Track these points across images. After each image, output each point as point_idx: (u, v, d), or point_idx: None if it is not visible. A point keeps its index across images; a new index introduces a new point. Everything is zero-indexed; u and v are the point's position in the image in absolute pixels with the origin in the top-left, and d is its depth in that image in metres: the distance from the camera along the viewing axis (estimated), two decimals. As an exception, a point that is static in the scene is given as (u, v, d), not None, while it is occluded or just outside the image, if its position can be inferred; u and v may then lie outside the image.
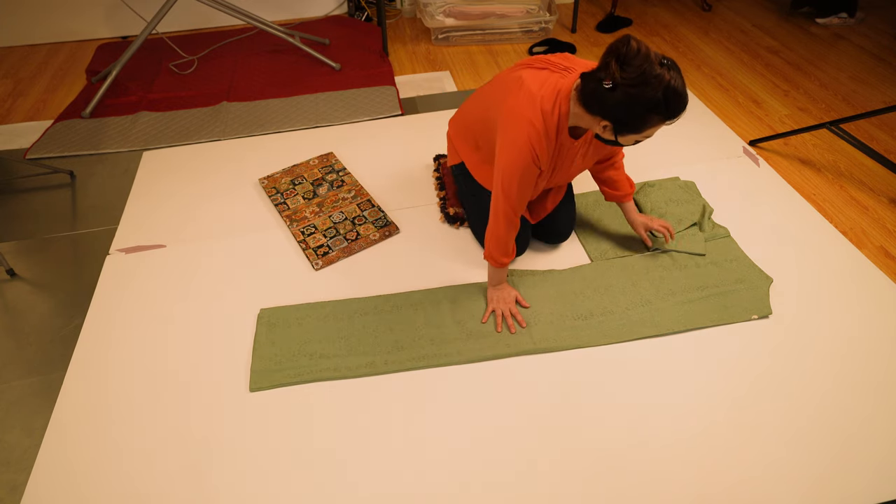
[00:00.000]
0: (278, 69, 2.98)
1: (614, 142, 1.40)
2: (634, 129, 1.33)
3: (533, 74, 1.46)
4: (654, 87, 1.24)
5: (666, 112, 1.28)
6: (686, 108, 1.29)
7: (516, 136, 1.43)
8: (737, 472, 1.33)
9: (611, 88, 1.27)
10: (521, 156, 1.43)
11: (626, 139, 1.37)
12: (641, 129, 1.33)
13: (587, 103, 1.36)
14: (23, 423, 1.48)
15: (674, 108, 1.27)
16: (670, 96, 1.25)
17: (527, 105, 1.42)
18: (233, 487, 1.32)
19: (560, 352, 1.58)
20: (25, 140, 2.52)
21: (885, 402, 1.45)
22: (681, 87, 1.26)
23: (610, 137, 1.39)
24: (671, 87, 1.25)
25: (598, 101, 1.32)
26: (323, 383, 1.53)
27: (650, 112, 1.27)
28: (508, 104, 1.46)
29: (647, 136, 1.36)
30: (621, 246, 1.88)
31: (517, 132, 1.43)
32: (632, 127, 1.32)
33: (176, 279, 1.83)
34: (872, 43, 3.15)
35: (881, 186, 2.19)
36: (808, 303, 1.70)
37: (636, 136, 1.36)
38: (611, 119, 1.33)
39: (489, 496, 1.30)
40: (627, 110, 1.28)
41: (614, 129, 1.35)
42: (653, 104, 1.26)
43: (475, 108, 1.70)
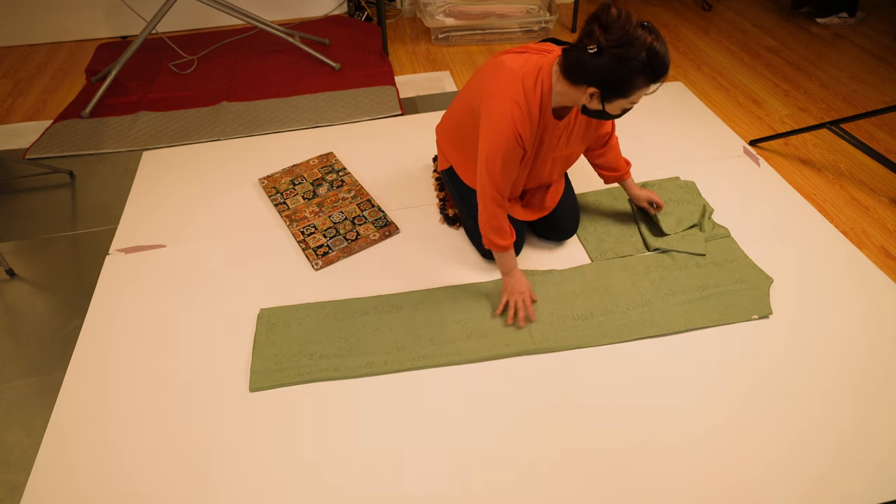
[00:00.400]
0: (278, 69, 2.98)
1: (601, 111, 1.42)
2: (621, 93, 1.36)
3: (513, 57, 1.50)
4: (637, 47, 1.28)
5: (651, 72, 1.31)
6: (668, 72, 1.33)
7: (499, 117, 1.45)
8: (737, 473, 1.33)
9: (596, 53, 1.30)
10: (503, 135, 1.45)
11: (613, 106, 1.40)
12: (628, 93, 1.36)
13: (571, 74, 1.39)
14: (23, 423, 1.48)
15: (658, 68, 1.31)
16: (653, 57, 1.29)
17: (508, 84, 1.44)
18: (233, 487, 1.32)
19: (560, 352, 1.58)
20: (25, 140, 2.52)
21: (885, 403, 1.45)
22: (662, 49, 1.30)
23: (597, 106, 1.41)
24: (653, 48, 1.29)
25: (583, 69, 1.35)
26: (323, 383, 1.52)
27: (635, 73, 1.31)
28: (490, 87, 1.49)
29: (633, 101, 1.39)
30: (621, 246, 1.88)
31: (500, 112, 1.44)
32: (618, 90, 1.35)
33: (176, 279, 1.83)
34: (872, 43, 3.15)
35: (881, 186, 2.19)
36: (808, 303, 1.70)
37: (623, 102, 1.38)
38: (597, 84, 1.35)
39: (489, 496, 1.30)
40: (613, 73, 1.32)
41: (601, 96, 1.38)
42: (637, 65, 1.30)
43: (459, 106, 1.71)
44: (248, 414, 1.46)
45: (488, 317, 1.67)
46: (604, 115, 1.44)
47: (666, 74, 1.34)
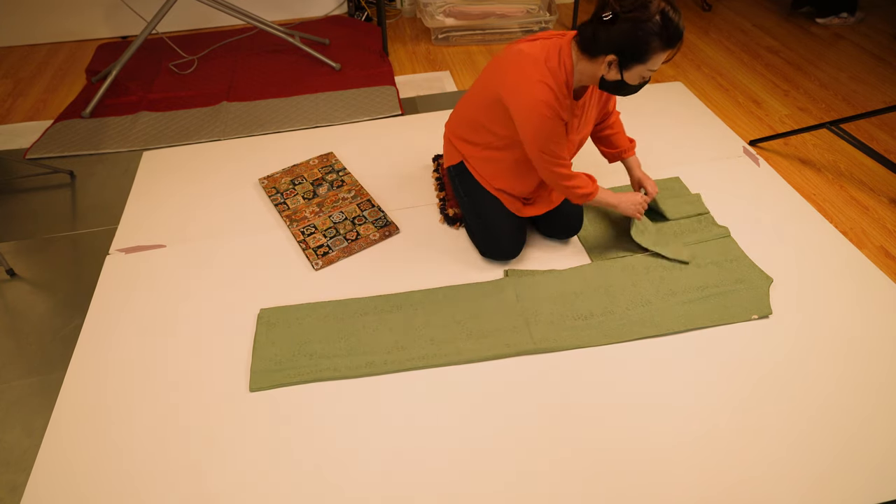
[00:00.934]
0: (278, 69, 2.98)
1: (620, 82, 1.46)
2: (638, 58, 1.40)
3: (529, 44, 1.53)
4: (651, 9, 1.33)
5: (665, 36, 1.36)
6: (682, 37, 1.38)
7: (530, 100, 1.48)
8: (737, 473, 1.33)
9: (611, 20, 1.36)
10: (541, 116, 1.48)
11: (632, 74, 1.44)
12: (645, 58, 1.39)
13: (588, 48, 1.44)
14: (23, 423, 1.48)
15: (672, 32, 1.36)
16: (667, 20, 1.34)
17: (532, 68, 1.48)
18: (232, 487, 1.32)
19: (560, 352, 1.58)
20: (25, 140, 2.52)
21: (885, 402, 1.45)
22: (675, 15, 1.36)
23: (616, 76, 1.45)
24: (666, 12, 1.34)
25: (601, 38, 1.40)
26: (323, 383, 1.53)
27: (650, 35, 1.35)
28: (513, 75, 1.52)
29: (650, 69, 1.43)
30: (621, 246, 1.88)
31: (530, 96, 1.48)
32: (635, 55, 1.39)
33: (176, 279, 1.83)
34: (872, 43, 3.15)
35: (881, 186, 2.19)
36: (808, 303, 1.70)
37: (641, 69, 1.42)
38: (614, 51, 1.40)
39: (490, 496, 1.30)
40: (629, 37, 1.36)
41: (619, 63, 1.42)
42: (653, 28, 1.34)
43: (472, 98, 1.71)
44: (248, 414, 1.46)
45: (488, 317, 1.67)
46: (622, 85, 1.48)
47: (681, 40, 1.39)
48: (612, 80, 1.47)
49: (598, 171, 2.19)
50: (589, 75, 1.50)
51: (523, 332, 1.63)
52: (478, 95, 1.68)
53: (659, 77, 2.92)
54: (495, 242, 1.80)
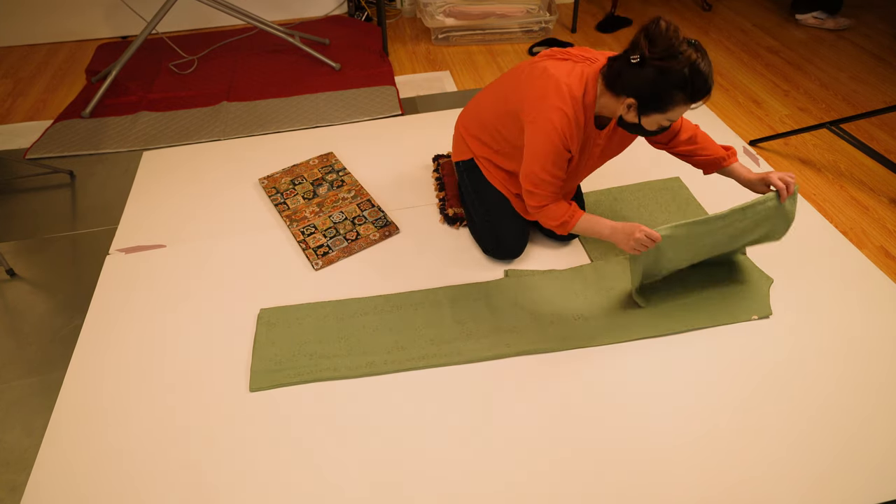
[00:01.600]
0: (278, 69, 2.98)
1: (637, 125, 1.42)
2: (658, 108, 1.36)
3: (556, 65, 1.49)
4: (680, 62, 1.28)
5: (690, 90, 1.30)
6: (710, 93, 1.32)
7: (545, 125, 1.45)
8: (738, 473, 1.32)
9: (638, 63, 1.31)
10: (551, 143, 1.46)
11: (649, 120, 1.40)
12: (665, 108, 1.35)
13: (612, 84, 1.40)
14: (23, 423, 1.48)
15: (698, 87, 1.30)
16: (695, 74, 1.28)
17: (554, 93, 1.44)
18: (233, 487, 1.32)
19: (560, 352, 1.58)
20: (25, 140, 2.52)
21: (885, 402, 1.45)
22: (706, 68, 1.30)
23: (633, 119, 1.41)
24: (696, 66, 1.28)
25: (625, 79, 1.36)
26: (323, 383, 1.52)
27: (675, 89, 1.30)
28: (534, 93, 1.49)
29: (670, 119, 1.38)
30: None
31: (546, 120, 1.45)
32: (656, 105, 1.35)
33: (176, 279, 1.83)
34: (872, 43, 3.15)
35: (881, 186, 2.19)
36: (808, 303, 1.70)
37: (659, 118, 1.38)
38: (636, 96, 1.36)
39: (490, 496, 1.30)
40: (653, 86, 1.32)
41: (638, 108, 1.38)
42: (678, 80, 1.29)
43: (490, 102, 1.70)
44: (248, 414, 1.46)
45: (488, 317, 1.67)
46: (639, 129, 1.44)
47: (708, 95, 1.33)
48: (630, 122, 1.44)
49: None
50: (610, 109, 1.47)
51: (523, 332, 1.63)
52: (496, 102, 1.67)
53: (659, 77, 2.92)
54: (500, 241, 1.80)
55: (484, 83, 2.89)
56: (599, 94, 1.46)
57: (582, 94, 1.45)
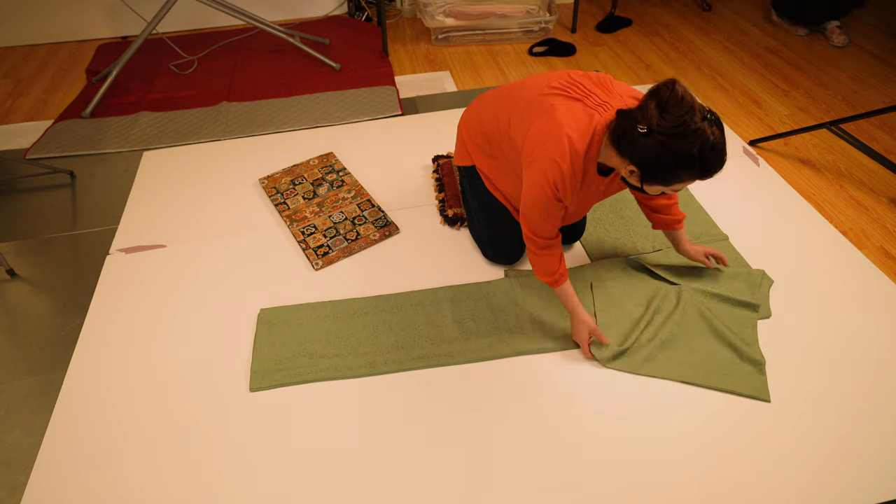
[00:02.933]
0: (278, 69, 2.98)
1: (639, 189, 1.32)
2: (662, 181, 1.25)
3: (566, 106, 1.36)
4: (690, 141, 1.15)
5: (700, 170, 1.19)
6: (721, 169, 1.20)
7: (540, 176, 1.36)
8: (734, 471, 1.33)
9: (645, 134, 1.18)
10: (544, 194, 1.37)
11: (653, 189, 1.30)
12: (669, 183, 1.24)
13: (617, 143, 1.27)
14: (23, 423, 1.48)
15: (709, 166, 1.19)
16: (707, 154, 1.17)
17: (554, 143, 1.32)
18: (233, 487, 1.32)
19: (560, 352, 1.58)
20: (25, 140, 2.52)
21: (884, 402, 1.45)
22: (720, 146, 1.18)
23: (636, 184, 1.31)
24: (709, 144, 1.16)
25: (629, 144, 1.23)
26: (323, 383, 1.53)
27: (682, 167, 1.19)
28: (534, 134, 1.38)
29: (675, 189, 1.28)
30: (622, 246, 1.88)
31: (541, 172, 1.36)
32: (660, 179, 1.24)
33: (176, 279, 1.83)
34: (872, 43, 3.15)
35: (881, 186, 2.19)
36: (808, 303, 1.70)
37: (662, 188, 1.28)
38: (639, 166, 1.24)
39: (490, 495, 1.30)
40: (658, 161, 1.20)
41: (641, 177, 1.27)
42: (686, 159, 1.17)
43: (495, 114, 1.60)
44: (248, 414, 1.46)
45: (488, 317, 1.67)
46: (640, 190, 1.34)
47: (718, 172, 1.20)
48: (632, 184, 1.33)
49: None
50: (613, 163, 1.34)
51: (523, 332, 1.63)
52: (500, 119, 1.57)
53: (659, 77, 2.92)
54: (500, 247, 1.80)
55: (484, 83, 2.89)
56: (604, 146, 1.33)
57: (585, 149, 1.33)
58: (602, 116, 1.34)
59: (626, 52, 3.16)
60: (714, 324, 1.60)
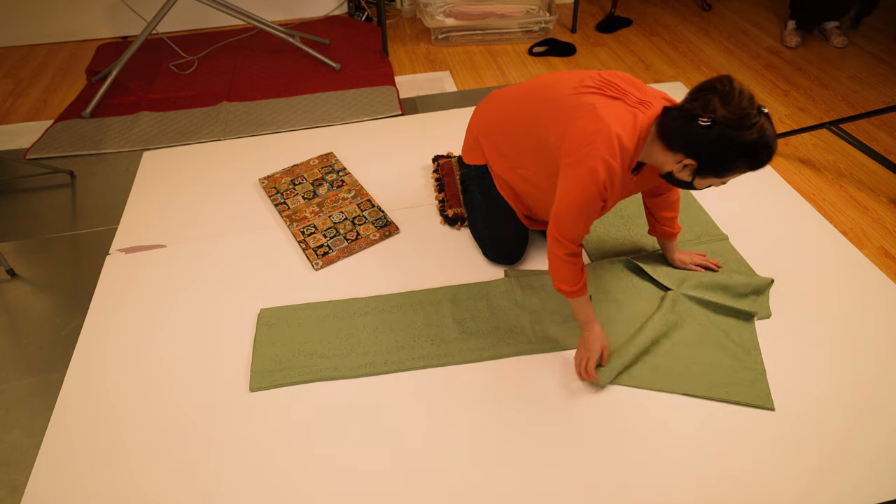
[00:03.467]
0: (278, 69, 2.98)
1: (688, 184, 1.34)
2: (717, 173, 1.28)
3: (607, 105, 1.36)
4: (752, 132, 1.20)
5: (754, 160, 1.24)
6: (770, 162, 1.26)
7: (587, 174, 1.34)
8: (735, 472, 1.33)
9: (708, 126, 1.21)
10: (589, 194, 1.35)
11: (703, 182, 1.32)
12: (724, 174, 1.28)
13: (669, 139, 1.30)
14: (23, 423, 1.48)
15: (762, 158, 1.24)
16: (762, 146, 1.22)
17: (603, 142, 1.32)
18: (233, 487, 1.32)
19: (560, 351, 1.58)
20: (25, 140, 2.52)
21: (884, 402, 1.45)
22: (773, 141, 1.23)
23: (686, 178, 1.33)
24: (766, 137, 1.21)
25: (687, 138, 1.26)
26: (323, 383, 1.53)
27: (740, 157, 1.23)
28: (578, 134, 1.36)
29: (724, 183, 1.32)
30: (622, 246, 1.88)
31: (588, 170, 1.33)
32: (716, 170, 1.27)
33: (176, 279, 1.83)
34: (872, 43, 3.15)
35: (881, 186, 2.19)
36: (808, 303, 1.70)
37: (714, 181, 1.31)
38: (697, 158, 1.27)
39: (490, 495, 1.30)
40: (719, 151, 1.23)
41: (695, 170, 1.29)
42: (747, 150, 1.22)
43: (517, 114, 1.57)
44: (248, 414, 1.46)
45: (488, 317, 1.67)
46: (688, 186, 1.35)
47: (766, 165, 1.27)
48: (680, 179, 1.34)
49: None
50: (656, 160, 1.36)
51: (523, 332, 1.63)
52: (524, 118, 1.54)
53: (659, 77, 2.92)
54: (501, 247, 1.80)
55: (484, 83, 2.89)
56: (649, 141, 1.35)
57: (633, 147, 1.34)
58: (644, 115, 1.35)
59: (626, 52, 3.16)
60: (713, 332, 1.60)
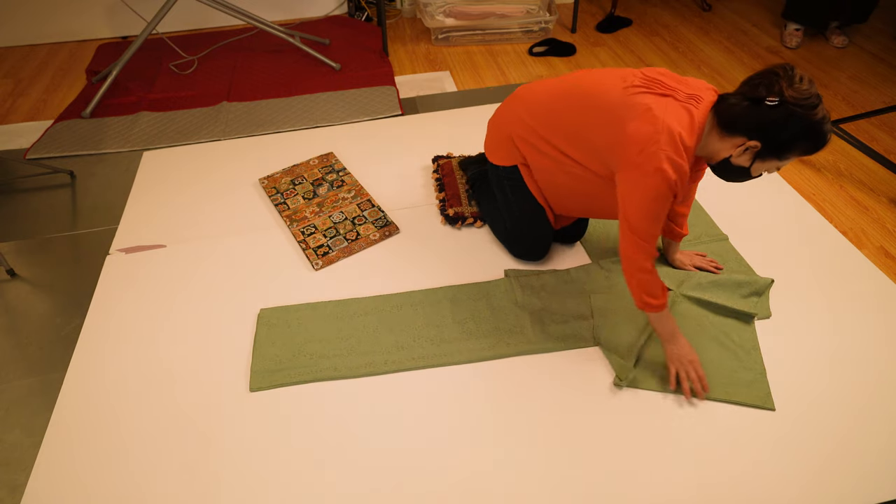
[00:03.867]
0: (278, 69, 2.98)
1: (744, 170, 1.37)
2: (780, 154, 1.31)
3: (662, 104, 1.36)
4: (815, 112, 1.25)
5: (816, 142, 1.28)
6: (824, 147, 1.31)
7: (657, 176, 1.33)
8: (735, 471, 1.33)
9: (775, 105, 1.25)
10: (663, 195, 1.36)
11: (761, 166, 1.35)
12: (784, 156, 1.31)
13: (731, 124, 1.33)
14: (23, 423, 1.48)
15: (822, 141, 1.29)
16: (824, 128, 1.27)
17: (668, 142, 1.32)
18: (233, 487, 1.32)
19: (560, 351, 1.58)
20: (25, 140, 2.52)
21: (884, 402, 1.45)
22: (829, 125, 1.28)
23: (744, 163, 1.35)
24: (827, 120, 1.27)
25: (753, 120, 1.29)
26: (323, 383, 1.53)
27: (803, 137, 1.27)
28: (638, 134, 1.35)
29: (778, 167, 1.35)
30: (621, 246, 1.88)
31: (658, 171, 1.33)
32: (779, 149, 1.30)
33: (176, 279, 1.83)
34: (872, 43, 3.15)
35: (881, 186, 2.19)
36: (808, 303, 1.70)
37: (772, 164, 1.34)
38: (761, 138, 1.30)
39: (490, 495, 1.30)
40: (786, 130, 1.27)
41: (759, 152, 1.32)
42: (810, 129, 1.26)
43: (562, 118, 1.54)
44: (248, 414, 1.46)
45: (488, 317, 1.67)
46: (742, 172, 1.38)
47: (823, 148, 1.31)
48: (737, 165, 1.36)
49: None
50: (710, 151, 1.38)
51: (523, 332, 1.63)
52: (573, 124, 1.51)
53: (659, 77, 2.92)
54: (531, 247, 1.80)
55: (484, 83, 2.89)
56: (706, 132, 1.37)
57: (693, 144, 1.36)
58: (697, 109, 1.36)
59: (626, 52, 3.16)
60: (712, 332, 1.60)
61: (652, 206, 1.37)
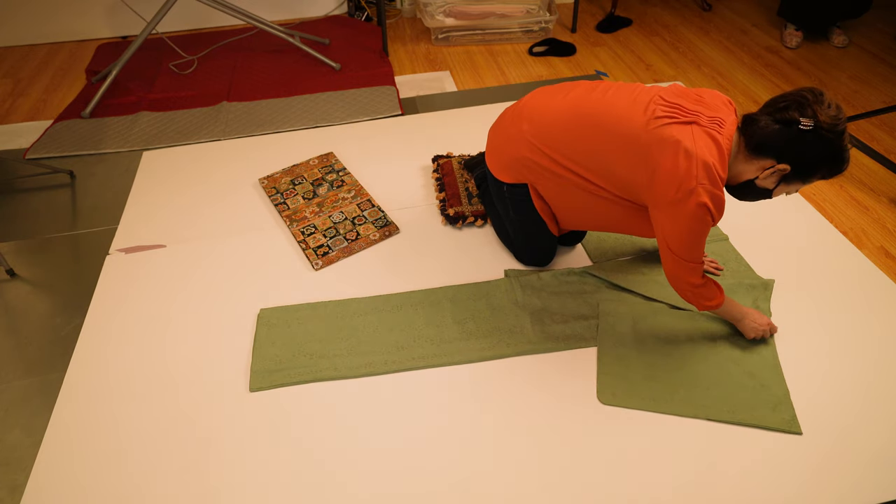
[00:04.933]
0: (278, 69, 2.98)
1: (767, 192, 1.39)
2: (804, 177, 1.34)
3: (689, 134, 1.34)
4: (842, 139, 1.28)
5: (838, 167, 1.31)
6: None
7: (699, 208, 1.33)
8: (734, 470, 1.33)
9: (809, 130, 1.27)
10: (703, 224, 1.36)
11: (785, 188, 1.38)
12: (809, 178, 1.34)
13: (759, 147, 1.34)
14: (23, 423, 1.48)
15: (844, 166, 1.32)
16: (847, 155, 1.30)
17: (705, 175, 1.32)
18: (233, 487, 1.32)
19: (560, 352, 1.58)
20: (25, 140, 2.52)
21: (884, 402, 1.45)
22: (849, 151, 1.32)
23: (769, 185, 1.37)
24: (848, 149, 1.31)
25: (783, 143, 1.31)
26: (323, 383, 1.53)
27: (829, 161, 1.30)
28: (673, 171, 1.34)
29: (798, 189, 1.38)
30: (621, 247, 1.88)
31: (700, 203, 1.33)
32: (805, 172, 1.33)
33: (176, 279, 1.83)
34: (872, 43, 3.15)
35: (881, 186, 2.19)
36: (808, 303, 1.70)
37: (795, 187, 1.37)
38: (791, 161, 1.32)
39: (490, 496, 1.30)
40: (814, 153, 1.29)
41: (786, 175, 1.34)
42: (835, 154, 1.29)
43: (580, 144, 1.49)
44: (248, 414, 1.46)
45: (488, 317, 1.67)
46: (763, 193, 1.40)
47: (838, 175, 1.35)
48: (762, 186, 1.38)
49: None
50: (734, 173, 1.40)
51: (523, 332, 1.63)
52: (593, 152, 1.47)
53: (659, 77, 2.92)
54: (537, 255, 1.80)
55: (484, 83, 2.89)
56: (733, 155, 1.39)
57: (725, 172, 1.36)
58: (721, 135, 1.36)
59: (626, 52, 3.16)
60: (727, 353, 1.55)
61: (695, 237, 1.39)
